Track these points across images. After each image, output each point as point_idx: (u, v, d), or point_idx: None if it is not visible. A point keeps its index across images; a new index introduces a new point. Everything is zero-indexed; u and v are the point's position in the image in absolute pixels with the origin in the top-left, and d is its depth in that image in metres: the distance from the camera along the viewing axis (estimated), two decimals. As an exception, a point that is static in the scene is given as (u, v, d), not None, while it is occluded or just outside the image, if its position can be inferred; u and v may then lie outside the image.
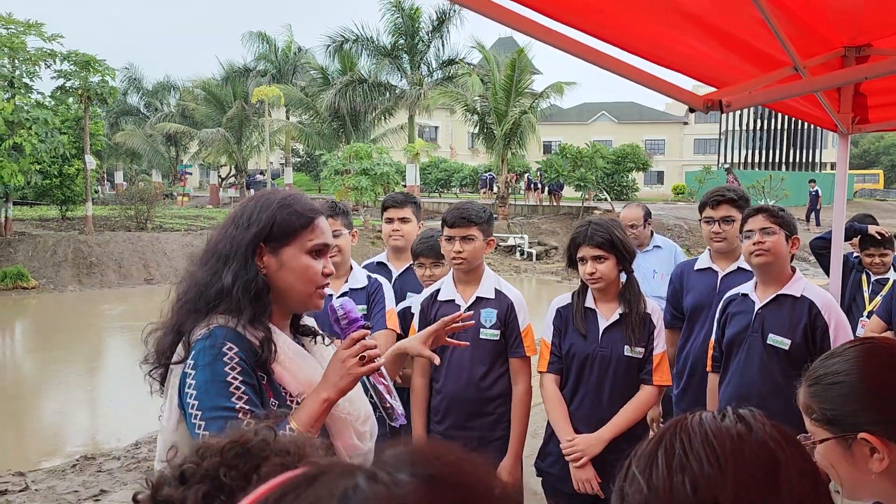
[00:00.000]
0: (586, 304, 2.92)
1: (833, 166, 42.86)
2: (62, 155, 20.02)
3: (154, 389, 1.75)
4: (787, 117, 45.25)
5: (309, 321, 1.88)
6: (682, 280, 3.71)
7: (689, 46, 2.05)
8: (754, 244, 2.84)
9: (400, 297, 3.59)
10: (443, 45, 29.64)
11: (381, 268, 3.80)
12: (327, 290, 3.30)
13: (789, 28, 2.05)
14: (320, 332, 1.83)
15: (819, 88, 2.08)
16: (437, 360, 2.11)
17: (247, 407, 1.54)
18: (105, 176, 42.90)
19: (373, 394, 1.76)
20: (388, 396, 1.75)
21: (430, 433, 3.07)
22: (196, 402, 1.56)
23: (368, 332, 1.71)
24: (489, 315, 3.04)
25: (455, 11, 28.43)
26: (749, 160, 48.42)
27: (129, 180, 39.39)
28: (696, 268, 3.67)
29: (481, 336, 3.02)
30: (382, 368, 1.75)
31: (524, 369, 3.04)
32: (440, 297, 3.12)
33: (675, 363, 3.69)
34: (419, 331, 3.14)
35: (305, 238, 1.69)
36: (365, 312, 3.34)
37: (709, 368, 3.18)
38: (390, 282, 3.70)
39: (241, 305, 1.62)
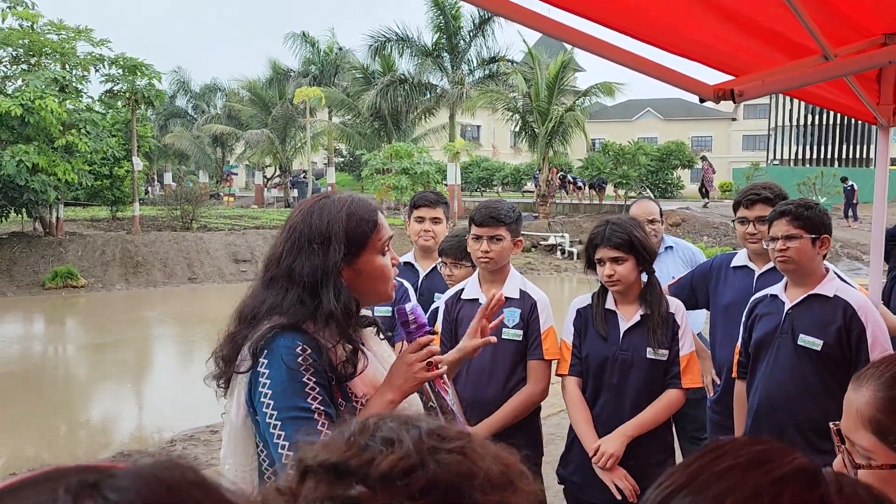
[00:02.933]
0: (606, 306, 2.83)
1: (894, 162, 41.32)
2: (112, 156, 20.57)
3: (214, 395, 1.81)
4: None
5: (366, 311, 1.93)
6: (719, 274, 3.51)
7: (711, 34, 1.95)
8: (778, 251, 2.72)
9: (427, 298, 3.54)
10: (484, 44, 29.56)
11: (408, 267, 3.74)
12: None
13: (819, 14, 1.94)
14: (380, 324, 1.87)
15: (845, 73, 1.95)
16: (493, 340, 2.10)
17: (322, 408, 1.60)
18: (155, 177, 43.98)
19: (433, 399, 1.77)
20: (449, 402, 1.77)
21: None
22: (271, 402, 1.60)
23: (434, 337, 1.75)
24: (512, 315, 2.96)
25: (496, 9, 28.26)
26: (800, 156, 47.05)
27: (177, 181, 40.33)
28: (732, 264, 3.48)
29: (504, 336, 2.94)
30: (445, 375, 1.78)
31: (541, 372, 2.94)
32: (464, 296, 3.06)
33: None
34: (442, 330, 3.10)
35: (376, 239, 1.74)
36: (390, 314, 3.30)
37: (734, 374, 3.03)
38: (417, 282, 3.65)
39: (343, 324, 1.66)
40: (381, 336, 1.87)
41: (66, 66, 18.65)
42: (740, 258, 3.47)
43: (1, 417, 8.60)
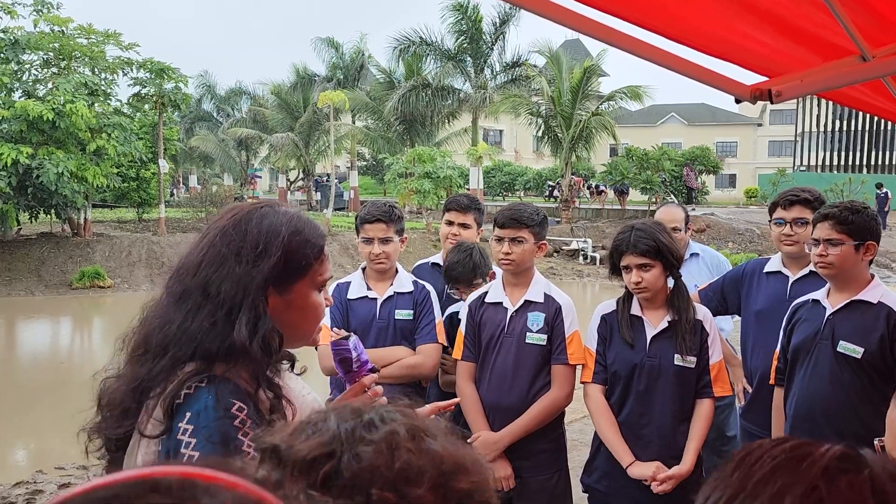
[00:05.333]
0: (632, 312, 2.78)
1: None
2: (139, 159, 20.85)
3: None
4: (867, 117, 43.25)
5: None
6: (752, 280, 3.44)
7: (746, 35, 1.92)
8: (818, 255, 2.66)
9: (451, 300, 3.52)
10: (504, 48, 29.56)
11: (435, 268, 3.72)
12: (371, 294, 3.29)
13: (857, 14, 1.90)
14: (294, 357, 1.52)
15: (883, 74, 1.91)
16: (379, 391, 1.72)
17: None
18: (180, 179, 44.49)
19: None
20: None
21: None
22: None
23: (376, 376, 1.52)
24: (536, 318, 2.94)
25: (517, 12, 28.25)
26: (828, 162, 46.43)
27: (203, 183, 40.74)
28: (765, 270, 3.41)
29: (527, 340, 2.91)
30: None
31: (565, 377, 2.91)
32: (488, 300, 3.04)
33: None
34: (466, 333, 3.08)
35: (317, 273, 1.43)
36: (411, 318, 3.28)
37: (772, 381, 2.97)
38: (443, 283, 3.63)
39: (260, 363, 1.33)
40: (297, 371, 1.53)
41: (95, 70, 18.94)
42: (774, 263, 3.40)
43: (29, 415, 8.72)
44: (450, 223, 3.61)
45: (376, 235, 3.17)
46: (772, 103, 1.84)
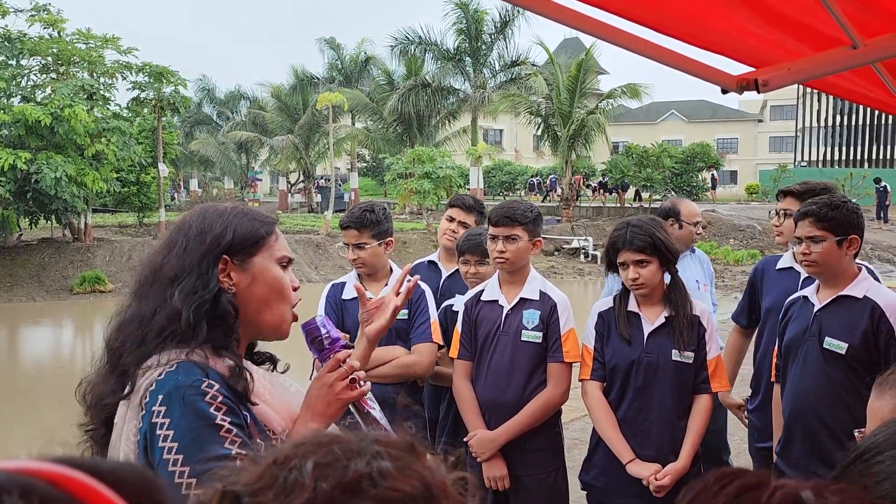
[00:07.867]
0: (629, 308, 2.77)
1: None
2: (139, 163, 20.87)
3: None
4: (867, 112, 43.18)
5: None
6: (763, 278, 3.44)
7: (736, 27, 1.90)
8: (802, 253, 2.66)
9: (448, 298, 3.50)
10: (506, 47, 29.57)
11: (432, 266, 3.72)
12: (367, 293, 3.27)
13: (849, 5, 1.88)
14: (275, 358, 1.56)
15: (873, 59, 1.89)
16: (400, 304, 1.98)
17: (243, 452, 1.28)
18: (181, 183, 44.56)
19: (360, 421, 1.50)
20: (376, 416, 1.52)
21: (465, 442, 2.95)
22: (180, 456, 1.27)
23: (351, 351, 1.51)
24: (532, 316, 2.92)
25: (519, 12, 28.28)
26: (828, 157, 46.30)
27: (203, 187, 40.78)
28: (777, 267, 3.39)
29: (523, 338, 2.90)
30: (370, 392, 1.53)
31: (561, 375, 2.89)
32: (483, 298, 3.03)
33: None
34: (462, 332, 3.07)
35: (273, 247, 1.47)
36: (406, 317, 3.26)
37: (773, 378, 2.97)
38: (439, 281, 3.62)
39: (197, 331, 1.35)
40: (280, 369, 1.57)
41: (94, 75, 18.96)
42: (786, 260, 3.38)
43: (30, 421, 8.72)
44: (451, 219, 3.61)
45: (349, 241, 3.15)
46: (758, 92, 1.83)
